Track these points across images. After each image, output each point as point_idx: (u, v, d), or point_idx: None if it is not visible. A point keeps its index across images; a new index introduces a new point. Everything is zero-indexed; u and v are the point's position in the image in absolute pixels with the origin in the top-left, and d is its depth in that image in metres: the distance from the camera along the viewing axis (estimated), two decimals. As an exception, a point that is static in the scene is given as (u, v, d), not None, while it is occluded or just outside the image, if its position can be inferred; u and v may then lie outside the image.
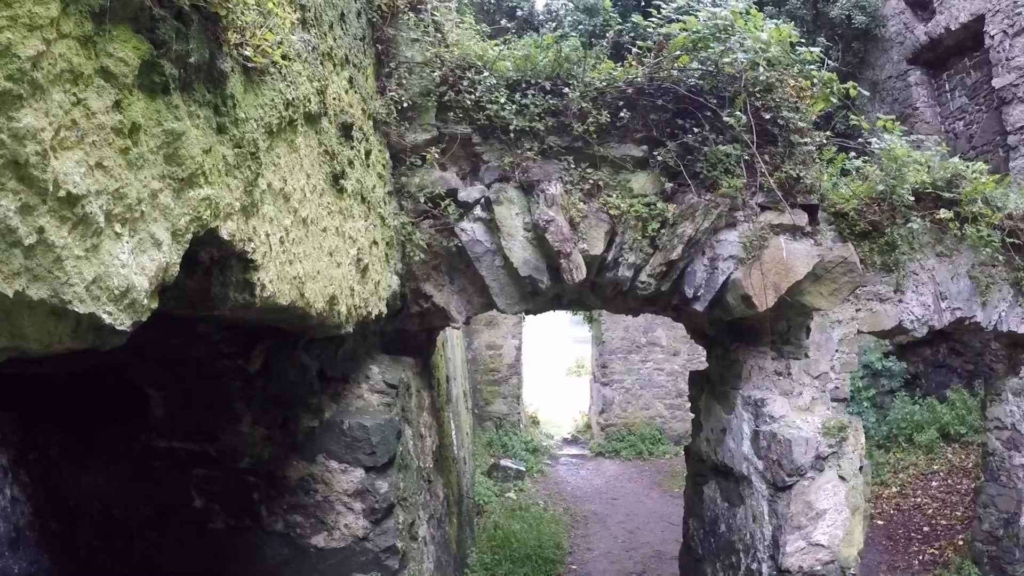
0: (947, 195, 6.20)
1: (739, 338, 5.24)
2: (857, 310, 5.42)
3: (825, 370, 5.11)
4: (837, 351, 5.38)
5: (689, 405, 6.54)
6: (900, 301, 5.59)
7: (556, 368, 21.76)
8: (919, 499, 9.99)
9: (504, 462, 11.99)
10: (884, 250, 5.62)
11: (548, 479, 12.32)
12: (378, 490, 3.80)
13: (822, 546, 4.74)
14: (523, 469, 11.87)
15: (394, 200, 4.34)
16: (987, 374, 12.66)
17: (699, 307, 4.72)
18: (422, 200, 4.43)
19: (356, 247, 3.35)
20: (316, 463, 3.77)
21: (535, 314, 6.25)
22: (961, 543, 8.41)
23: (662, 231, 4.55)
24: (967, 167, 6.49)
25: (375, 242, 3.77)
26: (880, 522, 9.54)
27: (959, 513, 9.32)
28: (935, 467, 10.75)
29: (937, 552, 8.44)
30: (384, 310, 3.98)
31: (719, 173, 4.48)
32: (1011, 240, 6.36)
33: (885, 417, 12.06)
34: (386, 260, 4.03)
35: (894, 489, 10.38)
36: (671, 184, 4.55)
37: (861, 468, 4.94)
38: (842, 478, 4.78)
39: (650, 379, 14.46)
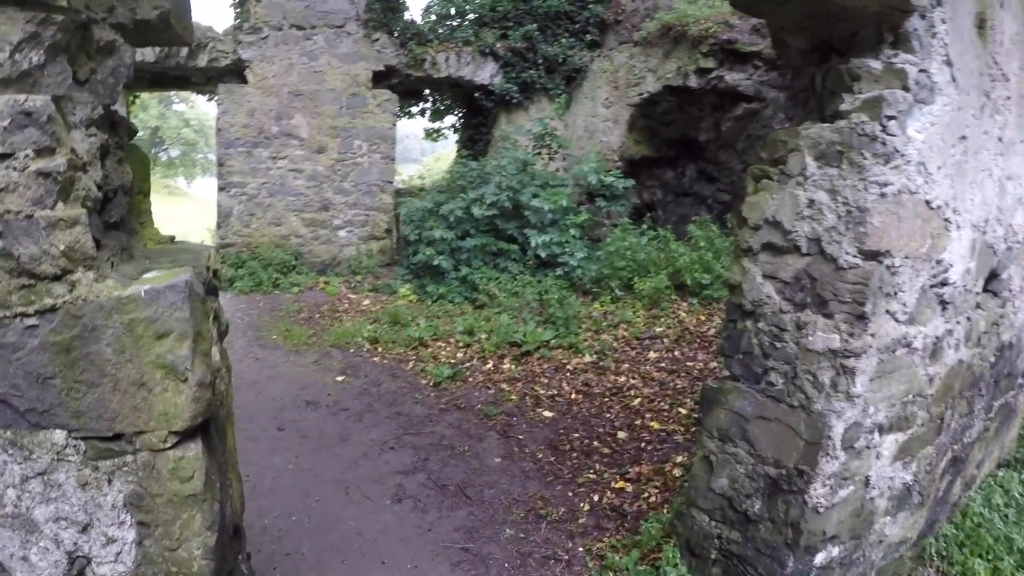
0: None
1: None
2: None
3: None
4: None
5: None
6: None
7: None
8: (624, 377, 5.87)
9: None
10: None
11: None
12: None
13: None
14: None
15: None
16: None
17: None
18: None
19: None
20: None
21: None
22: (678, 473, 4.23)
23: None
24: None
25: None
26: (548, 413, 5.19)
27: (684, 410, 5.20)
28: (658, 329, 6.66)
29: (630, 488, 4.22)
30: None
31: None
32: None
33: (596, 255, 7.95)
34: None
35: (588, 358, 6.09)
36: None
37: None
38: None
39: (283, 184, 10.58)
